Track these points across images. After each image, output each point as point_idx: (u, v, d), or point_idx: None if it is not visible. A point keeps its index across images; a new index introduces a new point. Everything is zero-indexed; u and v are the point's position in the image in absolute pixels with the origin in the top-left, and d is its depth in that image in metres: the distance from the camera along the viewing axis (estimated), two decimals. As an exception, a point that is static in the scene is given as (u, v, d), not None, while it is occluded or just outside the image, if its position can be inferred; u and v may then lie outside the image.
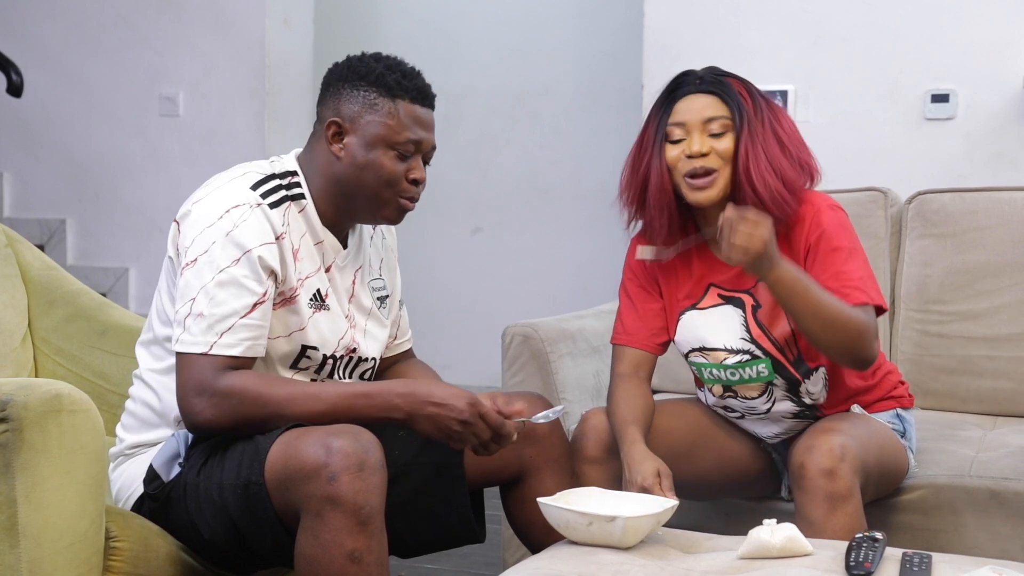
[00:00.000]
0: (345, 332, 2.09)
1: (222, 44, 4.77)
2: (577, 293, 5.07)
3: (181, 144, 4.85)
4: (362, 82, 2.04)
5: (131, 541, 1.88)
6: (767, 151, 2.21)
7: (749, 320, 2.29)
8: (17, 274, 2.60)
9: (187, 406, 1.91)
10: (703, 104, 2.24)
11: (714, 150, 2.21)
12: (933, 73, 3.69)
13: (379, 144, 2.02)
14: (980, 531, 2.36)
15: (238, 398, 1.88)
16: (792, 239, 2.26)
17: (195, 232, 1.95)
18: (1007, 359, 2.95)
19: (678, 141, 2.24)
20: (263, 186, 2.01)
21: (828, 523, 2.06)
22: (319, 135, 2.08)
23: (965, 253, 3.02)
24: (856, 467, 2.11)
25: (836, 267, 2.22)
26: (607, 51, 5.18)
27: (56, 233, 5.01)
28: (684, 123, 2.23)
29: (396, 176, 2.03)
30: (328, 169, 2.05)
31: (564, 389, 2.82)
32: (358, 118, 2.03)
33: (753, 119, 2.22)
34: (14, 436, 1.68)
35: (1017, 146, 3.59)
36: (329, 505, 1.77)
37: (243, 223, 1.95)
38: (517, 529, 2.26)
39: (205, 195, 2.00)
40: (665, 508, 1.93)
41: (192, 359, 1.91)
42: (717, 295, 2.32)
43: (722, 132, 2.22)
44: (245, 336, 1.93)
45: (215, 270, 1.92)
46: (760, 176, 2.19)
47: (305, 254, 2.03)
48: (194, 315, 1.91)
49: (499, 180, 5.43)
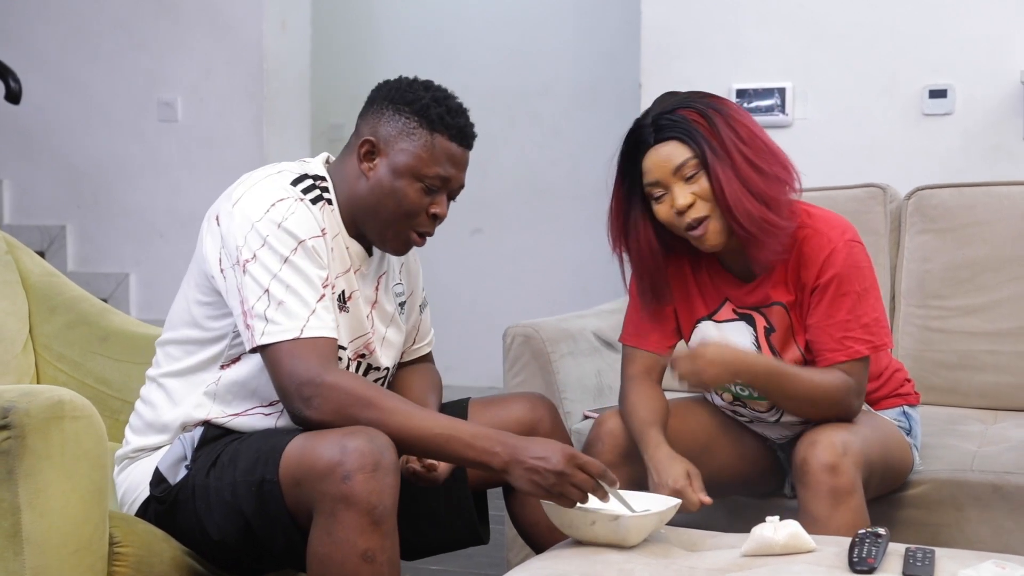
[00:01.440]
0: (359, 337, 2.09)
1: (219, 48, 4.77)
2: (577, 293, 5.07)
3: (180, 148, 4.85)
4: (407, 108, 2.02)
5: (135, 546, 1.88)
6: (741, 177, 2.13)
7: (761, 340, 2.28)
8: (18, 280, 2.60)
9: (296, 397, 1.87)
10: (666, 154, 2.16)
11: (697, 196, 2.15)
12: (930, 68, 3.69)
13: (407, 174, 2.01)
14: (982, 525, 2.36)
15: (347, 395, 1.86)
16: (802, 274, 2.21)
17: (244, 229, 1.93)
18: (1008, 353, 2.95)
19: (661, 197, 2.18)
20: (301, 183, 2.00)
21: (831, 519, 2.06)
22: (352, 149, 2.07)
23: (965, 248, 3.02)
24: (859, 462, 2.11)
25: (842, 315, 2.18)
26: (605, 51, 5.19)
27: (56, 239, 5.01)
28: (658, 181, 2.17)
29: (417, 208, 2.03)
30: (354, 184, 2.05)
31: (566, 389, 2.82)
32: (393, 143, 2.02)
33: (717, 148, 2.14)
34: (17, 443, 1.68)
35: (1015, 140, 3.60)
36: (343, 504, 1.77)
37: (292, 215, 1.94)
38: (521, 529, 2.27)
39: (244, 192, 1.98)
40: (668, 507, 1.93)
41: (291, 348, 1.88)
42: (732, 310, 2.30)
43: (696, 173, 2.15)
44: (328, 319, 1.92)
45: (279, 260, 1.91)
46: (743, 210, 2.12)
47: (337, 254, 2.03)
48: (275, 305, 1.89)
49: (498, 180, 5.43)
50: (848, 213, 3.09)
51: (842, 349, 2.18)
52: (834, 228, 2.22)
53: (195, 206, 4.78)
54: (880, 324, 2.21)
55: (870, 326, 2.19)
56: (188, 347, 2.06)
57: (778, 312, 2.25)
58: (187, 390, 2.05)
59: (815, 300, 2.20)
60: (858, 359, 2.19)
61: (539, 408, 2.23)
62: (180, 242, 4.85)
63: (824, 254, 2.19)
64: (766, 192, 2.15)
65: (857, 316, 2.18)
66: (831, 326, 2.19)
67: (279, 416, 2.02)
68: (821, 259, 2.19)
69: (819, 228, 2.21)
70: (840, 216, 2.27)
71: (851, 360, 2.18)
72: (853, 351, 2.18)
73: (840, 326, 2.18)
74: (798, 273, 2.22)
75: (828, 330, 2.19)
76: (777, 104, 3.84)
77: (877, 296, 2.23)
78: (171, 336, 2.10)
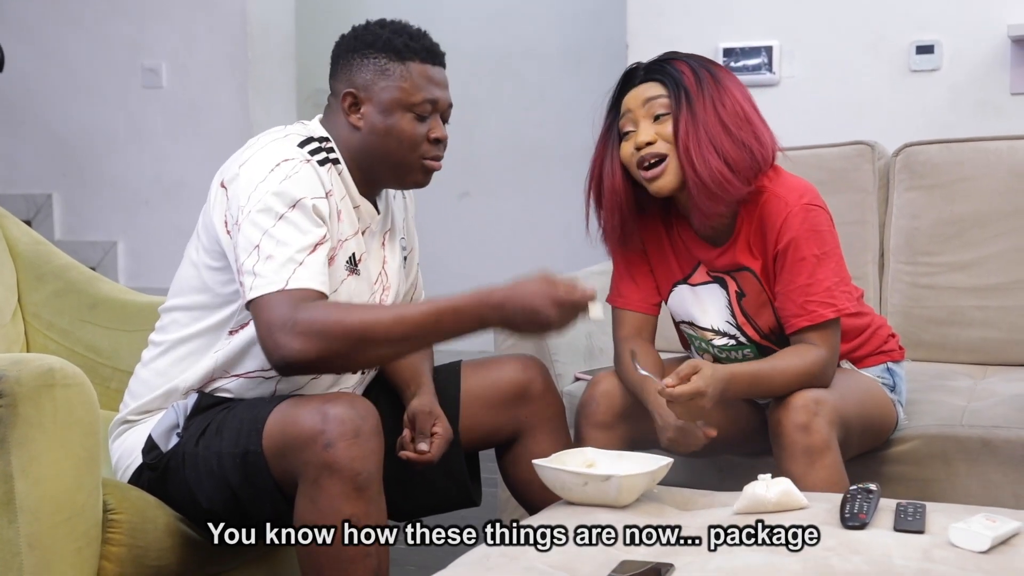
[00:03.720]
0: (368, 299, 2.09)
1: (202, 14, 4.74)
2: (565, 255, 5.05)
3: (165, 116, 4.82)
4: (370, 50, 2.03)
5: (129, 513, 1.89)
6: (709, 131, 2.14)
7: (734, 305, 2.29)
8: (5, 249, 2.59)
9: (272, 344, 1.85)
10: (643, 89, 2.20)
11: (659, 136, 2.17)
12: (917, 24, 3.68)
13: (396, 108, 2.02)
14: (972, 480, 2.38)
15: (320, 328, 1.83)
16: (765, 237, 2.21)
17: (249, 189, 1.92)
18: (996, 309, 2.96)
19: (628, 134, 2.21)
20: (308, 145, 2.00)
21: (807, 477, 2.06)
22: (335, 108, 2.06)
23: (953, 204, 3.03)
24: (832, 420, 2.11)
25: (802, 279, 2.18)
26: (590, 10, 5.16)
27: (43, 208, 4.99)
28: (629, 111, 2.20)
29: (417, 138, 2.03)
30: (349, 140, 2.04)
31: (557, 351, 2.82)
32: (372, 85, 2.02)
33: (694, 99, 2.15)
34: (8, 411, 1.68)
35: (1002, 95, 3.59)
36: (326, 472, 1.78)
37: (295, 175, 1.93)
38: (514, 490, 2.28)
39: (251, 155, 1.97)
40: (660, 466, 1.94)
41: (270, 299, 1.86)
42: (706, 272, 2.31)
43: (666, 113, 2.17)
44: (316, 271, 1.91)
45: (275, 216, 1.90)
46: (702, 158, 2.13)
47: (345, 216, 2.03)
48: (263, 259, 1.88)
49: (484, 143, 5.41)
50: (836, 171, 3.10)
51: (805, 314, 2.18)
52: (792, 192, 2.20)
53: (181, 173, 4.80)
54: (841, 288, 2.20)
55: (831, 290, 2.18)
56: (196, 312, 2.06)
57: (747, 278, 2.25)
58: (195, 355, 2.05)
59: (778, 266, 2.20)
60: (822, 323, 2.17)
61: (531, 369, 2.24)
62: (166, 210, 4.84)
63: (781, 218, 2.18)
64: (729, 152, 2.15)
65: (818, 280, 2.17)
66: (792, 291, 2.18)
67: (278, 381, 2.03)
68: (779, 223, 2.19)
69: (778, 192, 2.21)
70: (803, 180, 2.25)
71: (815, 325, 2.17)
72: (816, 315, 2.17)
73: (801, 291, 2.18)
74: (762, 237, 2.23)
75: (790, 295, 2.19)
76: (764, 63, 3.82)
77: (839, 260, 2.22)
78: (178, 302, 2.09)
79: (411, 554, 2.78)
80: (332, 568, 1.81)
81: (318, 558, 1.82)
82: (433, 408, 2.13)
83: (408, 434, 2.11)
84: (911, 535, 1.71)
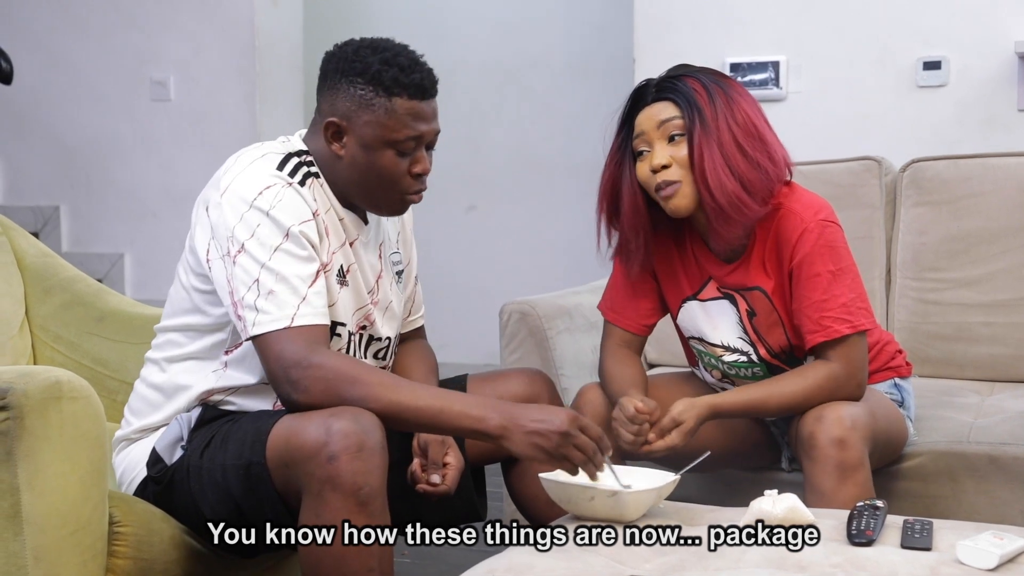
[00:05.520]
0: (358, 309, 2.09)
1: (210, 26, 4.75)
2: (572, 268, 5.06)
3: (172, 127, 4.84)
4: (358, 78, 1.97)
5: (135, 526, 1.89)
6: (724, 152, 2.14)
7: (745, 322, 2.29)
8: (13, 262, 2.59)
9: (284, 380, 1.86)
10: (657, 110, 2.20)
11: (674, 160, 2.17)
12: (924, 40, 3.68)
13: (378, 144, 1.98)
14: (979, 497, 2.38)
15: (334, 374, 1.84)
16: (780, 253, 2.22)
17: (234, 219, 1.92)
18: (1003, 325, 2.95)
19: (642, 153, 2.21)
20: (286, 165, 1.99)
21: (838, 493, 2.06)
22: (318, 129, 2.03)
23: (960, 220, 3.03)
24: (866, 436, 2.11)
25: (817, 295, 2.17)
26: (597, 22, 5.16)
27: (50, 220, 5.00)
28: (643, 132, 2.20)
29: (397, 174, 2.00)
30: (332, 164, 2.03)
31: (562, 365, 2.82)
32: (355, 117, 1.98)
33: (708, 119, 2.15)
34: (15, 424, 1.68)
35: (1010, 111, 3.59)
36: (329, 485, 1.77)
37: (279, 203, 1.92)
38: (519, 505, 2.27)
39: (231, 180, 1.95)
40: (667, 482, 1.94)
41: (277, 336, 1.87)
42: (716, 288, 2.30)
43: (681, 133, 2.17)
44: (319, 305, 1.92)
45: (269, 249, 1.90)
46: (718, 181, 2.13)
47: (332, 229, 2.03)
48: (264, 295, 1.88)
49: (491, 156, 5.41)
50: (843, 186, 3.10)
51: (821, 330, 2.17)
52: (808, 208, 2.20)
53: (188, 184, 4.77)
54: (858, 305, 2.19)
55: (848, 306, 2.17)
56: (191, 334, 2.06)
57: (758, 297, 2.25)
58: (193, 373, 2.05)
59: (793, 283, 2.20)
60: (838, 339, 2.17)
61: (537, 383, 2.24)
62: (174, 221, 4.84)
63: (796, 234, 2.18)
64: (744, 174, 2.15)
65: (833, 296, 2.17)
66: (808, 307, 2.18)
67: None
68: (794, 239, 2.18)
69: (794, 208, 2.20)
70: (819, 197, 2.25)
71: (830, 341, 2.17)
72: (832, 331, 2.17)
73: (816, 306, 2.17)
74: (777, 255, 2.22)
75: (806, 311, 2.18)
76: (771, 78, 3.82)
77: (855, 276, 2.22)
78: (172, 323, 2.09)
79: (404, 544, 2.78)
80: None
81: (320, 568, 1.81)
82: (445, 436, 2.10)
83: (419, 463, 2.09)
84: (918, 552, 1.71)
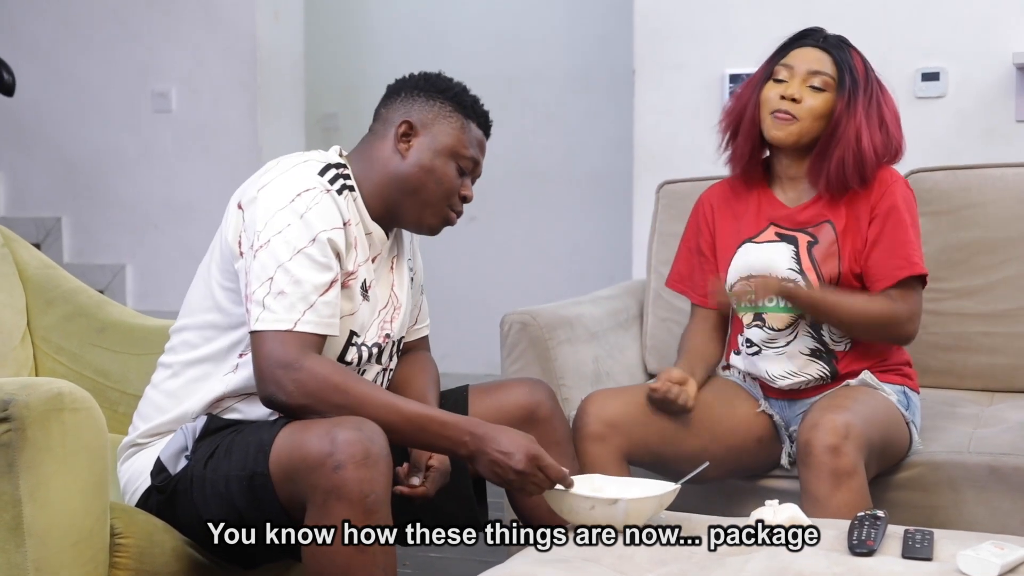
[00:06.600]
0: (373, 324, 2.11)
1: (213, 39, 4.76)
2: (574, 278, 5.07)
3: (174, 139, 4.85)
4: (440, 95, 2.12)
5: (136, 537, 1.89)
6: (865, 123, 2.34)
7: (802, 254, 2.41)
8: (15, 273, 2.60)
9: (270, 379, 1.89)
10: (815, 57, 2.39)
11: (806, 102, 2.35)
12: (922, 51, 3.68)
13: (446, 153, 2.09)
14: (980, 507, 2.38)
15: (321, 381, 1.87)
16: (857, 203, 2.39)
17: (267, 215, 1.95)
18: (1003, 335, 2.96)
19: (780, 81, 2.38)
20: (327, 173, 2.03)
21: (832, 499, 2.09)
22: (381, 134, 2.11)
23: (959, 230, 3.03)
24: (861, 445, 2.14)
25: (900, 238, 2.38)
26: (597, 35, 5.18)
27: (52, 231, 5.00)
28: (791, 67, 2.38)
29: (454, 188, 2.11)
30: (388, 165, 2.08)
31: (563, 375, 2.82)
32: (432, 124, 2.10)
33: (859, 90, 2.35)
34: (17, 435, 1.69)
35: (1008, 122, 3.59)
36: (335, 495, 1.77)
37: (315, 206, 1.96)
38: (520, 514, 2.27)
39: (271, 179, 2.00)
40: (667, 491, 1.94)
41: (275, 336, 1.90)
42: (775, 232, 2.45)
43: (822, 89, 2.35)
44: (326, 314, 1.94)
45: (292, 250, 1.93)
46: (850, 144, 2.34)
47: (360, 243, 2.06)
48: (274, 293, 1.91)
49: (492, 167, 5.37)
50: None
51: (890, 276, 2.36)
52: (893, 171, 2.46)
53: (190, 197, 4.82)
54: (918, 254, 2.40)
55: (912, 255, 2.37)
56: (207, 332, 2.07)
57: (825, 229, 2.41)
58: (205, 378, 2.05)
59: (873, 229, 2.38)
60: (904, 284, 2.37)
61: (538, 393, 2.24)
62: (175, 233, 4.86)
63: (886, 185, 2.41)
64: (877, 148, 2.38)
65: (906, 243, 2.37)
66: (896, 244, 2.37)
67: None
68: (883, 189, 2.39)
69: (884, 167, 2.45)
70: None
71: (896, 284, 2.37)
72: (917, 267, 2.38)
73: (902, 244, 2.37)
74: (859, 199, 2.40)
75: (879, 258, 2.37)
76: (771, 88, 3.83)
77: (919, 230, 2.45)
78: (189, 322, 2.10)
79: (405, 555, 2.78)
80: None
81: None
82: None
83: (407, 466, 2.11)
84: (919, 562, 1.71)
